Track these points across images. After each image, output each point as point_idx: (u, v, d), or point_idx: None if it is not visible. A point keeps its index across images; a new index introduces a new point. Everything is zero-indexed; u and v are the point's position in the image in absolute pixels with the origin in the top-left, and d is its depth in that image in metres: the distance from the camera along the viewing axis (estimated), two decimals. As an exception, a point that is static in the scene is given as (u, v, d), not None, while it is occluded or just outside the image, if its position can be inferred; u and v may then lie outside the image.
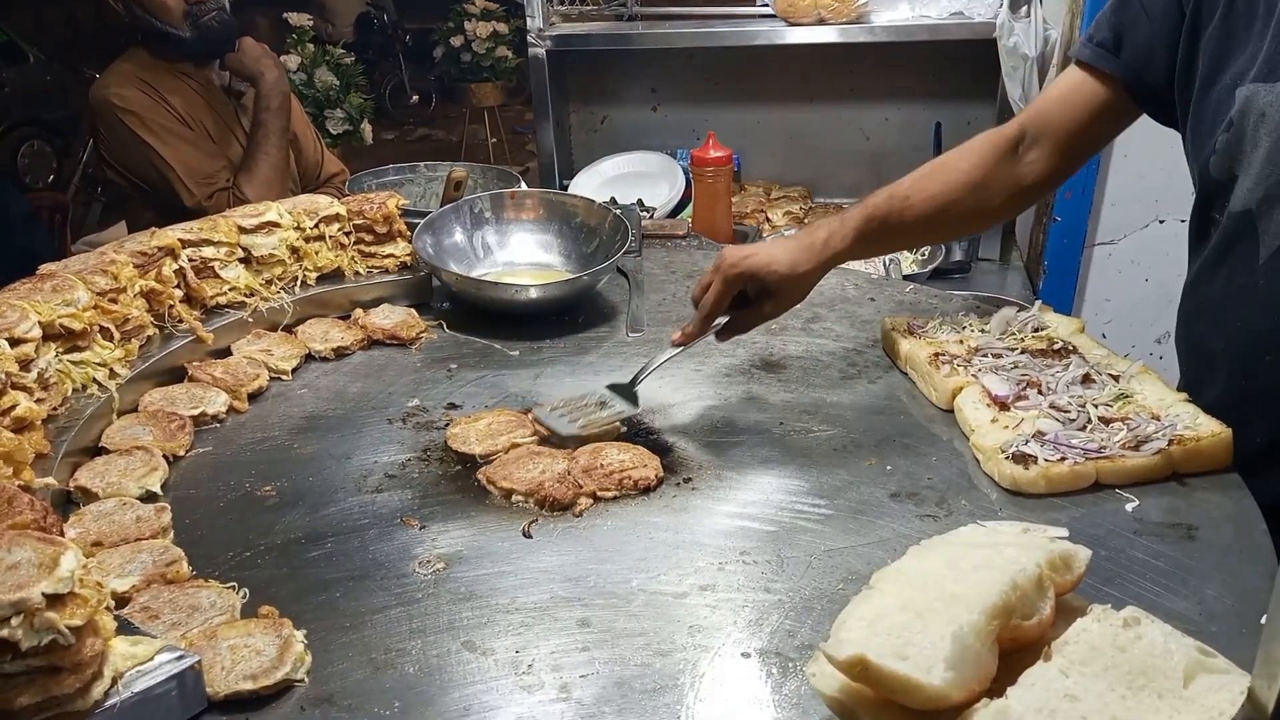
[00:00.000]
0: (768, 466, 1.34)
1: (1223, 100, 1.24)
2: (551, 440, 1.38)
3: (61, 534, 0.94)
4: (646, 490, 1.27)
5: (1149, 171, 2.61)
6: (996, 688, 0.80)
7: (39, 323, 1.36)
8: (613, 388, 1.44)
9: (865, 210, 1.46)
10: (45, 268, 1.52)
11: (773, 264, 1.40)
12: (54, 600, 0.81)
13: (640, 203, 2.69)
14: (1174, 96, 1.35)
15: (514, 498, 1.26)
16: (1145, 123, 1.63)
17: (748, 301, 1.44)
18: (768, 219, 2.99)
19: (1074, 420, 1.30)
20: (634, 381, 1.44)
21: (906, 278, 2.36)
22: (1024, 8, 2.52)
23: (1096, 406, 1.32)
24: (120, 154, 2.49)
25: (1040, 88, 2.56)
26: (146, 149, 2.42)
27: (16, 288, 1.45)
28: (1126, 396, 1.34)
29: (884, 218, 1.45)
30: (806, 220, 2.97)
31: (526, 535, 1.19)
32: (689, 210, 2.77)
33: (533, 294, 1.82)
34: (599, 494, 1.26)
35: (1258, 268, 1.24)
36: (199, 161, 2.47)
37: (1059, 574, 0.90)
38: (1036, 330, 1.55)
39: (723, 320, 1.45)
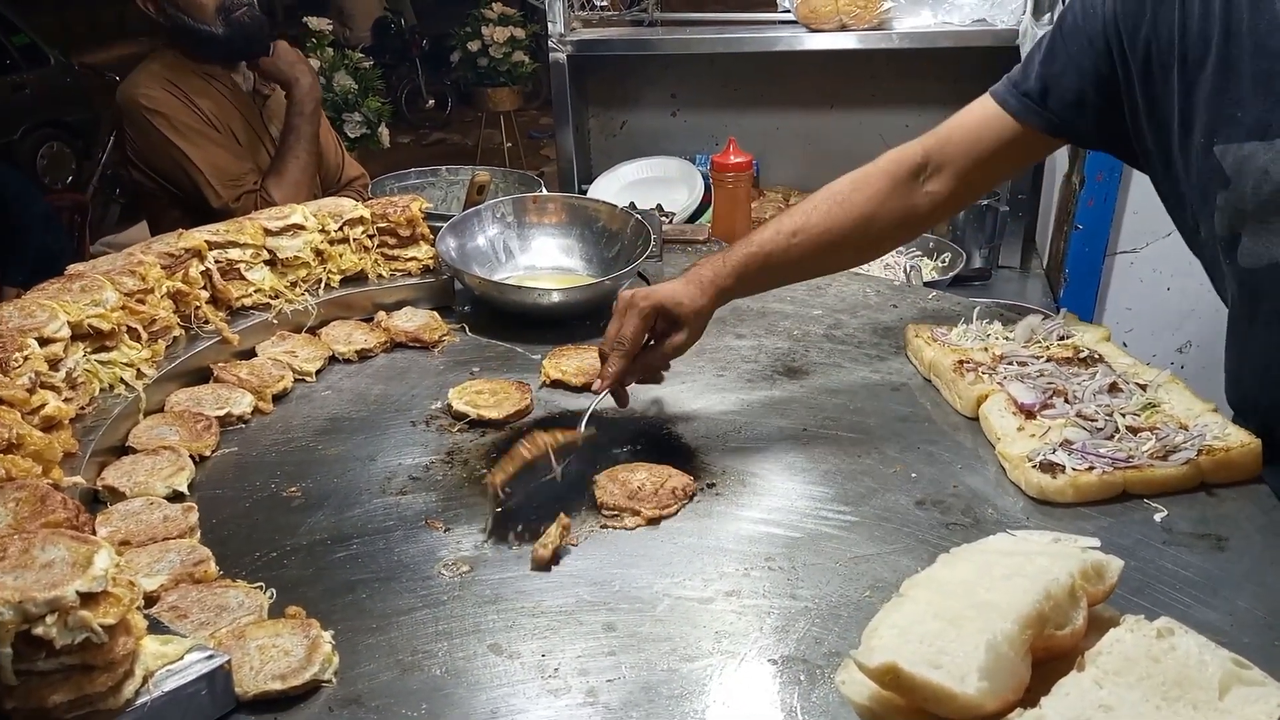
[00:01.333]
0: (792, 473, 1.33)
1: (1209, 155, 1.20)
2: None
3: (93, 533, 0.95)
4: (691, 496, 1.27)
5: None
6: (1029, 698, 0.79)
7: (68, 323, 1.38)
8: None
9: (749, 249, 1.45)
10: (74, 268, 1.53)
11: (677, 296, 1.39)
12: (88, 599, 0.82)
13: (659, 208, 2.69)
14: (1100, 143, 1.39)
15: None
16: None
17: (650, 344, 1.42)
18: (787, 225, 2.98)
19: (1101, 429, 1.29)
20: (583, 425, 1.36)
21: (928, 284, 2.35)
22: (1047, 14, 2.51)
23: (1124, 416, 1.31)
24: (148, 154, 2.49)
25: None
26: (174, 150, 2.42)
27: (45, 288, 1.46)
28: (1154, 406, 1.34)
29: (766, 256, 1.45)
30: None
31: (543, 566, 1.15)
32: (708, 215, 2.77)
33: (555, 298, 1.82)
34: (664, 514, 1.24)
35: None
36: (227, 163, 2.46)
37: (1091, 584, 0.89)
38: (1062, 338, 1.54)
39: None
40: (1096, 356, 1.47)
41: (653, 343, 1.42)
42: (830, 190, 1.50)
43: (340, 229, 1.82)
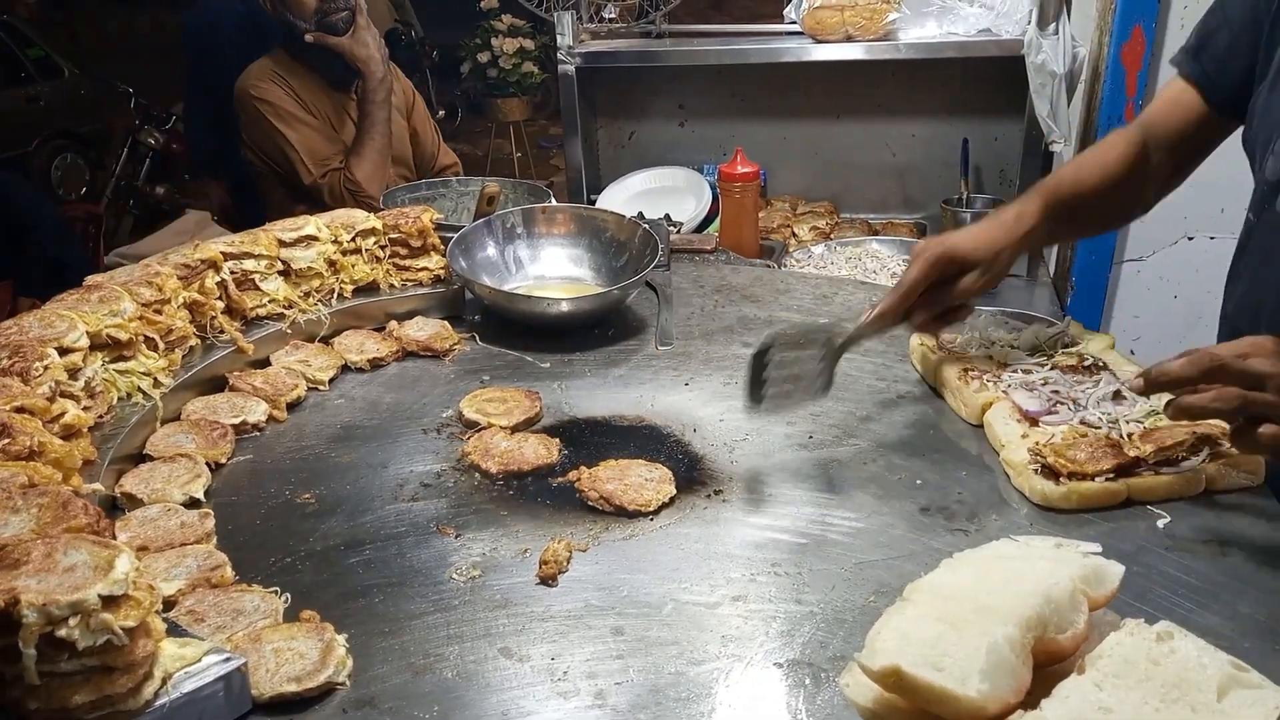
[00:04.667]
0: (798, 479, 1.35)
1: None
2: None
3: (114, 538, 0.97)
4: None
5: (1179, 189, 2.61)
6: (1029, 701, 0.81)
7: (86, 332, 1.40)
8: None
9: (1045, 188, 1.49)
10: (92, 279, 1.55)
11: (975, 244, 1.42)
12: (109, 602, 0.84)
13: (667, 217, 2.71)
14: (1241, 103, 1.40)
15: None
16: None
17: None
18: (794, 234, 3.00)
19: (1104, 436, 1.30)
20: (832, 358, 1.43)
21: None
22: (1052, 25, 2.53)
23: (1128, 423, 1.32)
24: (256, 138, 2.87)
25: (1069, 104, 2.57)
26: (276, 134, 2.80)
27: (64, 298, 1.48)
28: (1158, 413, 1.35)
29: (1065, 195, 1.48)
30: (833, 236, 2.98)
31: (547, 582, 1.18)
32: (715, 225, 2.79)
33: (564, 307, 1.84)
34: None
35: None
36: (318, 145, 2.83)
37: (1092, 589, 0.90)
38: (1067, 346, 1.55)
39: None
40: (1101, 364, 1.48)
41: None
42: (1083, 155, 1.57)
43: (352, 240, 1.84)
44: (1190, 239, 2.69)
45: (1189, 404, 1.12)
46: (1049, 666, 0.85)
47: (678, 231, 2.65)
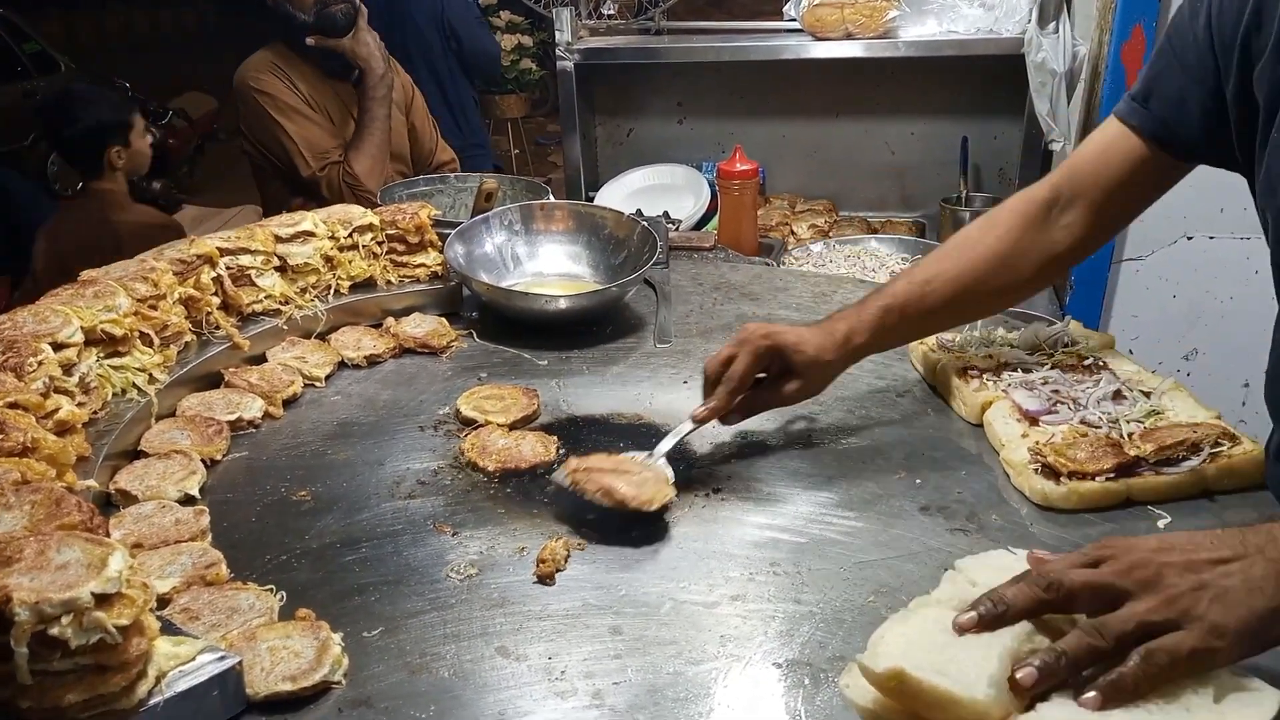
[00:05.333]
0: (796, 478, 1.34)
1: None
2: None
3: (107, 535, 0.97)
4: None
5: (1178, 188, 2.59)
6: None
7: (81, 328, 1.39)
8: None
9: (883, 301, 1.39)
10: (86, 274, 1.54)
11: (801, 344, 1.35)
12: (102, 600, 0.83)
13: (666, 215, 2.71)
14: (1209, 149, 1.29)
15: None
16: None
17: (761, 382, 1.38)
18: (793, 232, 3.00)
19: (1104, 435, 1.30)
20: (652, 454, 1.33)
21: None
22: (1052, 23, 2.52)
23: (1128, 423, 1.32)
24: (254, 129, 2.88)
25: (1069, 103, 2.56)
26: (275, 125, 2.81)
27: (59, 293, 1.47)
28: (1158, 413, 1.34)
29: (902, 307, 1.39)
30: (831, 234, 2.97)
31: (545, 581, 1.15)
32: (714, 223, 2.79)
33: (562, 304, 1.83)
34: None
35: None
36: (318, 138, 2.83)
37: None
38: (1066, 346, 1.55)
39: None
40: (1101, 364, 1.48)
41: (765, 380, 1.37)
42: (958, 237, 1.45)
43: (350, 235, 1.83)
44: (1189, 238, 2.69)
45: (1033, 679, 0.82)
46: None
47: (676, 229, 2.65)
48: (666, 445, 1.33)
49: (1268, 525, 0.88)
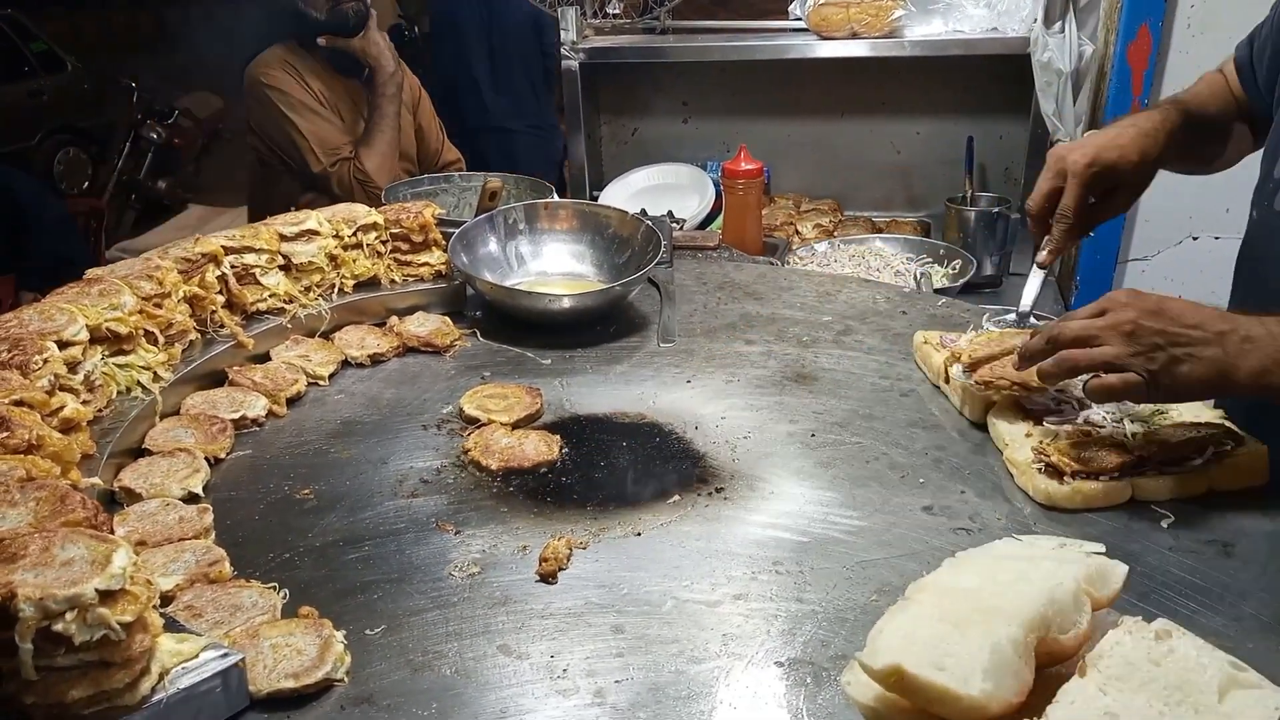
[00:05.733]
0: (800, 478, 1.34)
1: None
2: None
3: (112, 532, 0.97)
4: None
5: (1183, 188, 2.58)
6: (1033, 701, 0.80)
7: (86, 326, 1.39)
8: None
9: (1175, 100, 1.48)
10: (92, 272, 1.55)
11: (1126, 154, 1.35)
12: (106, 596, 0.83)
13: (670, 214, 2.71)
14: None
15: None
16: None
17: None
18: (797, 231, 3.00)
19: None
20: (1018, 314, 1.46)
21: (938, 291, 2.35)
22: (1058, 23, 2.52)
23: (1132, 422, 1.31)
24: (265, 126, 2.91)
25: (1074, 103, 2.56)
26: (286, 121, 2.84)
27: (65, 291, 1.48)
28: (1162, 412, 1.34)
29: (1191, 109, 1.45)
30: (836, 233, 2.97)
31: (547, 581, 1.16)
32: (718, 222, 2.79)
33: (566, 304, 1.83)
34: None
35: None
36: (328, 134, 2.87)
37: (1096, 589, 0.90)
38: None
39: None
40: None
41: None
42: (1204, 82, 1.57)
43: (354, 234, 1.84)
44: (1195, 239, 2.68)
45: (1041, 374, 1.21)
46: (1051, 667, 0.85)
47: (680, 228, 2.64)
48: (1029, 297, 1.43)
49: (1275, 316, 1.09)
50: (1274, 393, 1.10)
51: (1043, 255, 1.35)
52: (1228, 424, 1.30)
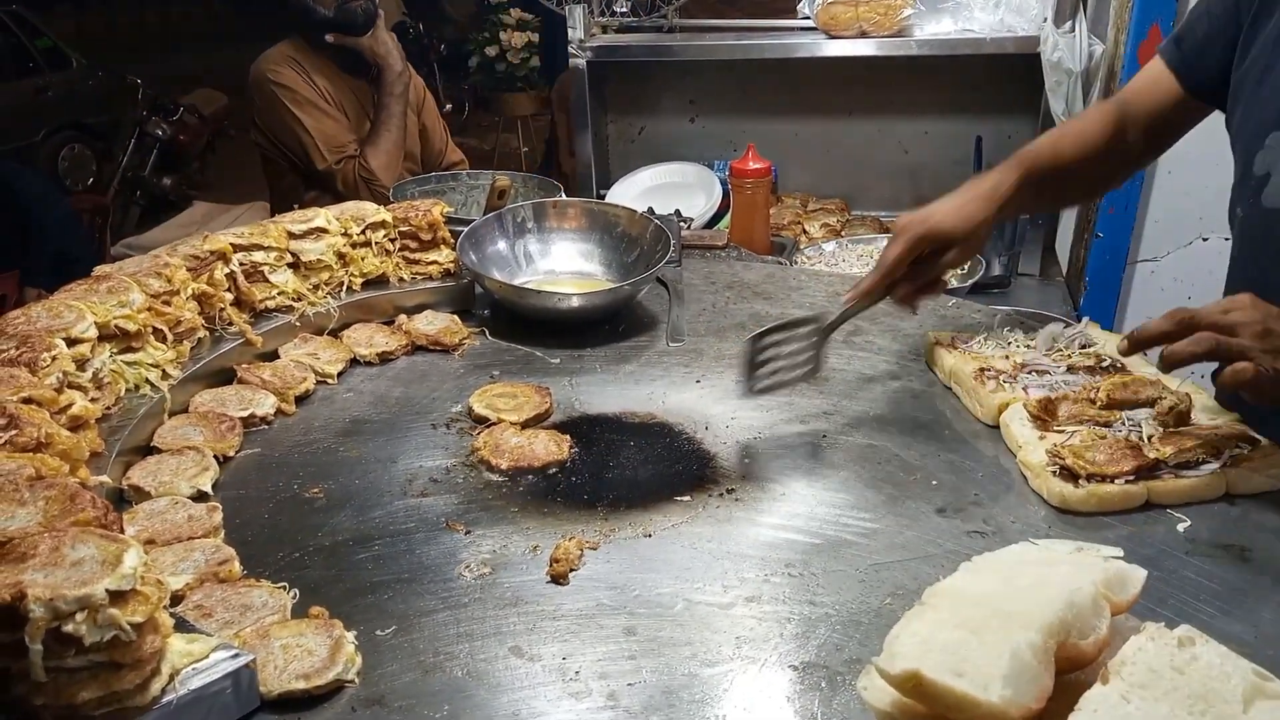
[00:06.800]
0: (811, 479, 1.33)
1: (1273, 98, 1.32)
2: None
3: (122, 531, 0.96)
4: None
5: (1193, 189, 2.58)
6: (1053, 707, 0.79)
7: (95, 323, 1.39)
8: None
9: (1024, 158, 1.52)
10: (100, 269, 1.54)
11: (955, 221, 1.44)
12: (116, 597, 0.83)
13: (678, 213, 2.69)
14: (1228, 89, 1.44)
15: None
16: (1189, 140, 1.62)
17: (920, 260, 1.46)
18: (805, 231, 2.98)
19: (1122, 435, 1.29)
20: (823, 337, 1.48)
21: (947, 292, 2.34)
22: (1069, 22, 2.50)
23: (1148, 425, 1.30)
24: (270, 123, 2.91)
25: (1084, 103, 2.55)
26: (292, 119, 2.84)
27: (73, 288, 1.47)
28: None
29: (1043, 166, 1.51)
30: (844, 233, 2.96)
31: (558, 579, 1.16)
32: (725, 221, 2.78)
33: (574, 302, 1.83)
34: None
35: None
36: (334, 132, 2.87)
37: (1114, 593, 0.89)
38: (1084, 347, 1.53)
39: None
40: (1118, 365, 1.47)
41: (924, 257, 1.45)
42: (1061, 127, 1.64)
43: (363, 232, 1.83)
44: (1205, 240, 2.67)
45: (1170, 353, 1.21)
46: (1071, 673, 0.84)
47: (688, 227, 2.63)
48: (834, 328, 1.47)
49: None
50: None
51: (847, 295, 1.47)
52: (1244, 427, 1.29)
